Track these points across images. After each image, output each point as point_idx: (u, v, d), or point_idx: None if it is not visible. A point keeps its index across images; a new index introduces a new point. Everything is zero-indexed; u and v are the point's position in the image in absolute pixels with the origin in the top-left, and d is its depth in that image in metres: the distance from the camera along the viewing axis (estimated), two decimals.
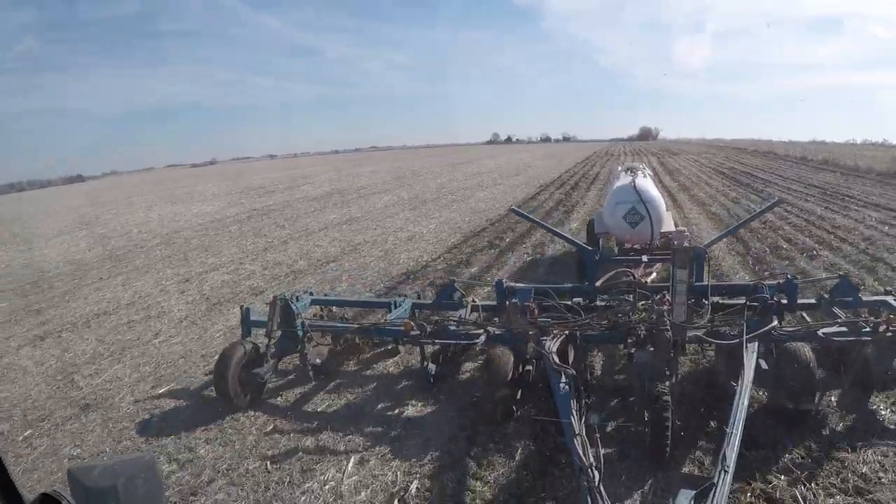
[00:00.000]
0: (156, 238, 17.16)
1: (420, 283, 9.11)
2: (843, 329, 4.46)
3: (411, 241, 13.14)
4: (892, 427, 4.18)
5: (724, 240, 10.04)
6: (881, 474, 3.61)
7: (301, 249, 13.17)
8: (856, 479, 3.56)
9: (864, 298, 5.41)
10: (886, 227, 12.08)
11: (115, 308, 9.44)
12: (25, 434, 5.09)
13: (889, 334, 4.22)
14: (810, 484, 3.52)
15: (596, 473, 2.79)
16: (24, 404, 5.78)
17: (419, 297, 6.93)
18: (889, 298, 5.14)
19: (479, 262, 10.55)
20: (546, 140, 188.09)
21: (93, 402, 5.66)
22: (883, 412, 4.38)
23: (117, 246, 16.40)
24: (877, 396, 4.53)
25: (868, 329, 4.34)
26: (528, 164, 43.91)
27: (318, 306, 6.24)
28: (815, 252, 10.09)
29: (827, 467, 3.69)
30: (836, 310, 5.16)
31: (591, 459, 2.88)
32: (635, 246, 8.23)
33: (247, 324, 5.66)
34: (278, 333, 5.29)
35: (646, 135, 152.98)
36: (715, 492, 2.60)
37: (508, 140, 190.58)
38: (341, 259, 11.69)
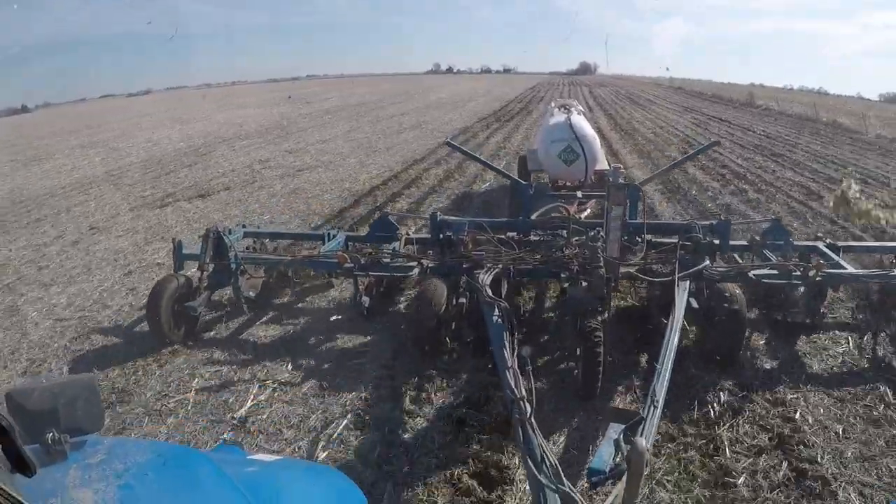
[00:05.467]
0: (285, 120, 27.13)
1: (479, 123, 20.80)
2: (774, 272, 4.55)
3: (453, 121, 24.74)
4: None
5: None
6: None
7: (399, 122, 24.41)
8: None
9: (796, 243, 5.42)
10: (700, 127, 24.41)
11: (334, 137, 20.10)
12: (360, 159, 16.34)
13: (818, 279, 4.40)
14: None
15: (527, 406, 2.76)
16: (339, 155, 16.93)
17: (353, 230, 7.20)
18: (820, 244, 5.22)
19: (493, 128, 22.07)
20: (487, 71, 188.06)
21: (377, 149, 16.87)
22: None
23: (256, 126, 25.11)
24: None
25: (798, 273, 4.44)
26: (487, 90, 53.61)
27: (251, 238, 6.16)
28: (651, 130, 22.70)
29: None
30: (767, 252, 5.18)
31: (523, 392, 2.87)
32: (568, 183, 8.27)
33: (179, 257, 5.46)
34: (211, 266, 5.19)
35: (584, 69, 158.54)
36: (644, 425, 2.61)
37: (450, 70, 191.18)
38: (426, 125, 22.95)
